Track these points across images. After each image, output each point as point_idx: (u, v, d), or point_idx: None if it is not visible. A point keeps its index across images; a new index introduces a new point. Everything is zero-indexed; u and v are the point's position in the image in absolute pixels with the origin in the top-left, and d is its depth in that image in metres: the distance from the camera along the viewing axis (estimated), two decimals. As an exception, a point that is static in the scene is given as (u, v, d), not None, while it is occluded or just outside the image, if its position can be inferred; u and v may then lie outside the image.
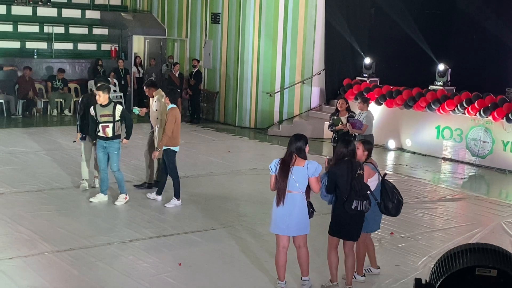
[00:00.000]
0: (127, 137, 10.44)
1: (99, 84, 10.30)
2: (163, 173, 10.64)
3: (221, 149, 15.32)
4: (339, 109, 12.24)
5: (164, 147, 10.27)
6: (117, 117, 10.11)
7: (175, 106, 10.34)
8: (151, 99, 11.12)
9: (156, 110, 10.96)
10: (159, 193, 10.67)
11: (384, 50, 17.59)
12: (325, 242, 7.38)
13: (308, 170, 6.76)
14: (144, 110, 11.40)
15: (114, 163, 10.25)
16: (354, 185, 6.90)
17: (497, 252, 3.20)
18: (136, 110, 11.39)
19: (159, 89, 11.16)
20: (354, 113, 12.33)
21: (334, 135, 12.35)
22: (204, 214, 10.02)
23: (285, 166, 6.75)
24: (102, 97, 10.02)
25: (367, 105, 12.47)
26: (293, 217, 6.81)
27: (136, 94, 20.49)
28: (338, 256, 7.22)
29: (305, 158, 6.82)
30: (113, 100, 10.90)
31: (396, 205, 7.41)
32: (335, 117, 12.18)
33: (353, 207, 6.91)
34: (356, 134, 11.89)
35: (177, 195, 10.48)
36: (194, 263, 7.96)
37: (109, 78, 19.48)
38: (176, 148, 10.37)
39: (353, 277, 7.57)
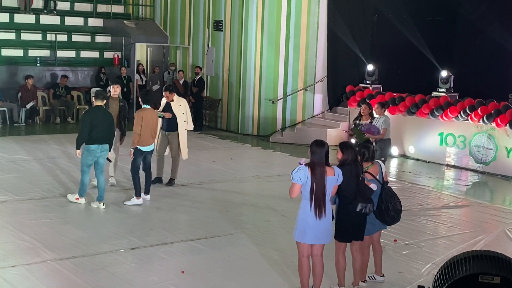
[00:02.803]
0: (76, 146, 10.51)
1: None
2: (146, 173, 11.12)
3: (223, 156, 15.31)
4: (362, 114, 12.35)
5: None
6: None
7: (147, 107, 10.85)
8: (173, 103, 11.79)
9: (183, 113, 11.81)
10: (145, 193, 11.07)
11: (386, 56, 17.58)
12: (330, 246, 7.36)
13: (338, 179, 6.83)
14: (169, 114, 11.76)
15: None
16: (361, 188, 6.95)
17: (500, 260, 3.18)
18: (160, 114, 11.59)
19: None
20: (374, 118, 12.40)
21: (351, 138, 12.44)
22: (206, 222, 10.00)
23: (321, 177, 6.69)
24: None
25: (385, 110, 12.57)
26: (323, 225, 6.82)
27: (139, 102, 20.48)
28: (346, 260, 7.27)
29: (329, 165, 6.82)
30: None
31: (392, 214, 7.44)
32: (355, 128, 12.14)
33: (358, 209, 6.98)
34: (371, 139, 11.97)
35: (136, 194, 10.80)
36: (197, 270, 7.95)
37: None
38: (143, 148, 10.75)
39: (373, 277, 7.61)
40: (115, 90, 11.55)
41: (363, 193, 7.01)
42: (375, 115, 12.53)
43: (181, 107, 11.88)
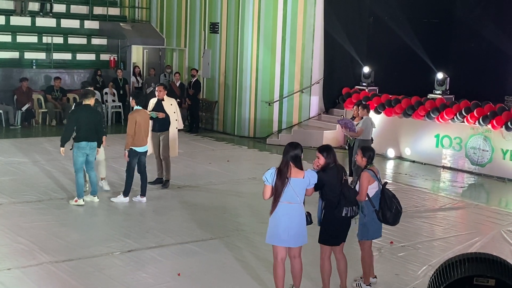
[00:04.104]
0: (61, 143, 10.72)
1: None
2: (141, 174, 11.15)
3: (220, 158, 15.31)
4: (354, 115, 12.63)
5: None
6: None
7: (140, 108, 10.99)
8: (165, 102, 11.86)
9: (174, 112, 11.94)
10: (142, 194, 11.14)
11: (382, 59, 17.61)
12: (317, 252, 7.35)
13: (310, 182, 6.78)
14: (162, 114, 11.82)
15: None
16: (344, 191, 6.93)
17: (495, 262, 3.19)
18: (153, 114, 11.61)
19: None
20: None
21: (347, 140, 12.86)
22: (203, 224, 10.00)
23: (282, 177, 6.69)
24: None
25: (367, 111, 12.70)
26: (294, 228, 6.79)
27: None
28: (331, 265, 7.25)
29: (301, 168, 6.78)
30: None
31: (394, 214, 7.41)
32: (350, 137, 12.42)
33: (343, 214, 6.98)
34: (353, 138, 12.19)
35: (125, 193, 10.95)
36: (193, 273, 7.95)
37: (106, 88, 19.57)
38: (138, 148, 10.86)
39: (359, 285, 7.59)
40: None
41: (347, 197, 6.99)
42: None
43: (172, 106, 12.03)
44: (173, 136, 12.02)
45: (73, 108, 11.54)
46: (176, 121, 12.05)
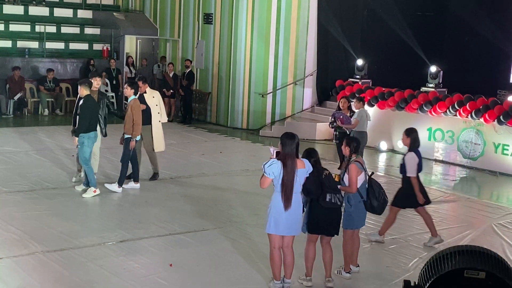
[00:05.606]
0: (75, 134, 10.63)
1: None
2: (134, 162, 11.16)
3: (213, 150, 15.31)
4: (341, 107, 12.79)
5: (126, 136, 10.82)
6: (79, 110, 10.57)
7: (136, 97, 10.92)
8: (146, 95, 11.57)
9: (157, 105, 11.64)
10: (135, 180, 11.17)
11: (376, 51, 17.62)
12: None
13: (308, 171, 6.93)
14: (143, 106, 11.58)
15: (79, 156, 10.63)
16: (324, 182, 7.02)
17: (485, 255, 3.21)
18: None
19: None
20: (354, 112, 12.75)
21: (335, 133, 13.05)
22: (195, 215, 10.01)
23: (291, 170, 6.77)
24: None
25: (363, 104, 12.84)
26: (294, 216, 6.93)
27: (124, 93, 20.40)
28: (315, 251, 7.35)
29: (298, 157, 6.92)
30: (104, 93, 11.66)
31: (382, 203, 7.62)
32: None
33: (327, 199, 7.07)
34: (348, 130, 12.31)
35: (120, 183, 10.92)
36: (185, 264, 7.96)
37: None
38: (138, 138, 10.93)
39: (340, 273, 7.65)
40: (98, 83, 11.28)
41: (327, 184, 7.08)
42: (354, 109, 12.88)
43: (154, 99, 11.72)
44: (157, 130, 11.68)
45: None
46: (158, 114, 11.70)
